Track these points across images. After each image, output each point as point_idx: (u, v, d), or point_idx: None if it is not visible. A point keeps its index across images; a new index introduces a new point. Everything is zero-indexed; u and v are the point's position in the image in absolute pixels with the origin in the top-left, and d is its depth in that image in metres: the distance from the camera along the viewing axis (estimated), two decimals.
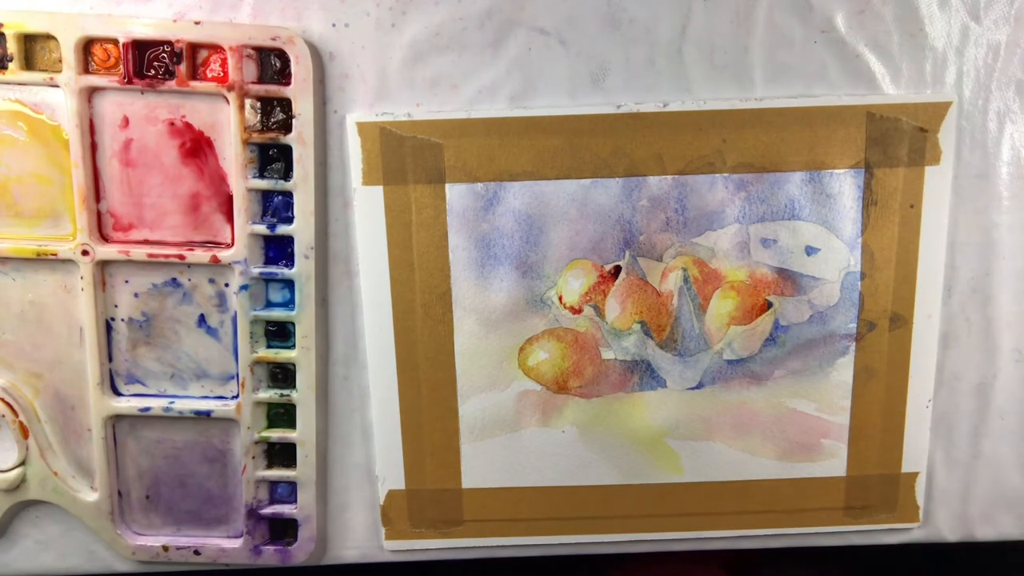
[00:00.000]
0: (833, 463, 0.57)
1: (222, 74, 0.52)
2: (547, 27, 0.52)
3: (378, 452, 0.57)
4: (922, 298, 0.55)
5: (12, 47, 0.51)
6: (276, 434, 0.56)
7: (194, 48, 0.52)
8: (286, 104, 0.52)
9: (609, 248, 0.55)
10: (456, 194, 0.54)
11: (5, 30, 0.51)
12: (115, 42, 0.51)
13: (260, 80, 0.52)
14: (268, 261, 0.55)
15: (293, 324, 0.55)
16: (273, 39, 0.51)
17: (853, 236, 0.54)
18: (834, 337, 0.55)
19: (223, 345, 0.56)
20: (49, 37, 0.51)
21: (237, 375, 0.56)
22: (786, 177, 0.54)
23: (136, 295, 0.55)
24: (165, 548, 0.58)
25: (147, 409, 0.56)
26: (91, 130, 0.52)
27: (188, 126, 0.53)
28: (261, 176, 0.53)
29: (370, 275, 0.55)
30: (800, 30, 0.52)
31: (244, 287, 0.54)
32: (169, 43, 0.51)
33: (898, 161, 0.53)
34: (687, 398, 0.56)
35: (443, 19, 0.52)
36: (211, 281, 0.55)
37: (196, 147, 0.53)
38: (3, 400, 0.56)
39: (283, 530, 0.59)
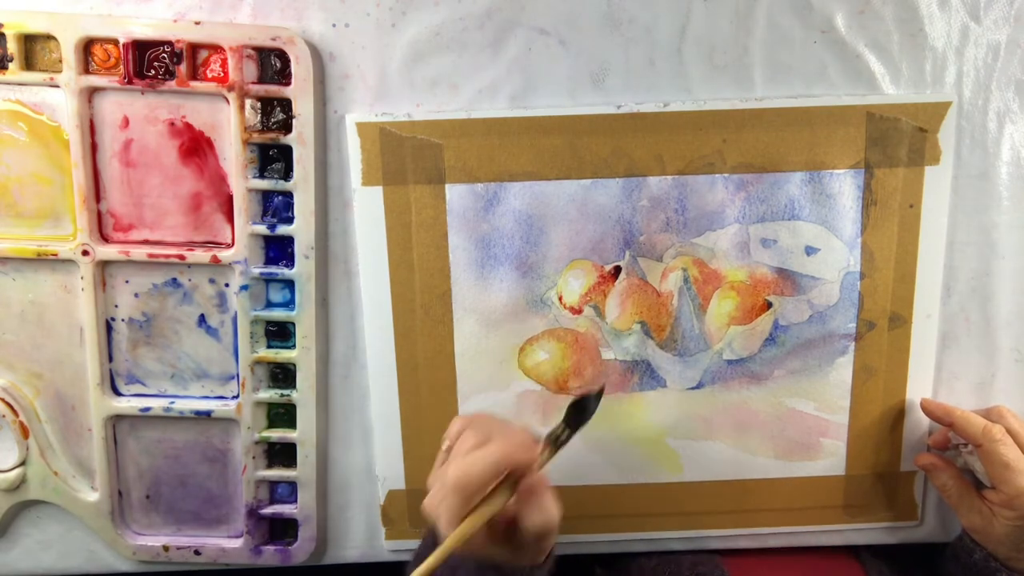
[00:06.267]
0: (832, 462, 0.58)
1: (222, 74, 0.52)
2: (547, 27, 0.52)
3: (378, 452, 0.57)
4: (921, 298, 0.55)
5: (12, 47, 0.51)
6: (276, 434, 0.56)
7: (194, 48, 0.52)
8: (286, 104, 0.52)
9: (609, 248, 0.55)
10: (456, 194, 0.54)
11: (5, 30, 0.51)
12: (115, 42, 0.51)
13: (260, 80, 0.52)
14: (268, 261, 0.55)
15: (293, 324, 0.55)
16: (273, 39, 0.51)
17: (853, 236, 0.54)
18: (833, 337, 0.56)
19: (223, 345, 0.56)
20: (49, 37, 0.51)
21: (237, 375, 0.56)
22: (786, 177, 0.54)
23: (136, 295, 0.55)
24: (165, 548, 0.58)
25: (147, 409, 0.56)
26: (91, 130, 0.52)
27: (188, 126, 0.53)
28: (261, 176, 0.53)
29: (370, 275, 0.55)
30: (800, 30, 0.52)
31: (244, 287, 0.54)
32: (169, 43, 0.51)
33: (898, 161, 0.53)
34: (687, 398, 0.56)
35: (443, 19, 0.52)
36: (211, 281, 0.55)
37: (196, 147, 0.53)
38: (4, 400, 0.56)
39: (283, 530, 0.59)
